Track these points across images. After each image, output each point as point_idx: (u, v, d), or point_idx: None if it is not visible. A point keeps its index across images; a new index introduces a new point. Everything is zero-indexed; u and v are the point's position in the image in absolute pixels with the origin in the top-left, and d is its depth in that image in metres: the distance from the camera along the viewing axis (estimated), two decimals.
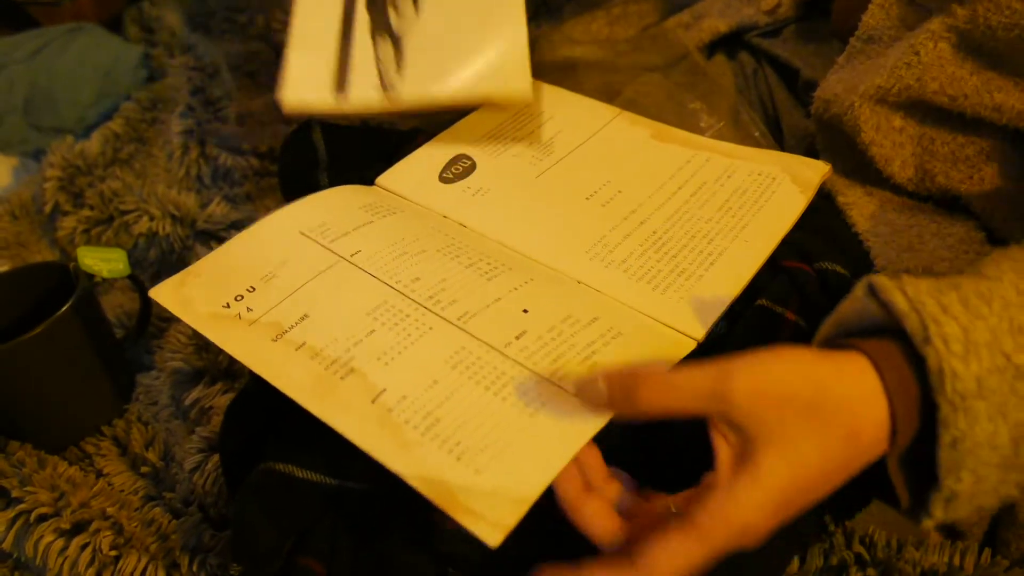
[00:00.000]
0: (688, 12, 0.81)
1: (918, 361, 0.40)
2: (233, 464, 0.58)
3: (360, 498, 0.52)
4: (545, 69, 0.79)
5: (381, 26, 0.66)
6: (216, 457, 0.62)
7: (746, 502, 0.40)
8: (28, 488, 0.60)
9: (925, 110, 0.58)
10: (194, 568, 0.56)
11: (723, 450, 0.41)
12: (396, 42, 0.65)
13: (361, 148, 0.74)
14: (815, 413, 0.40)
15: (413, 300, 0.50)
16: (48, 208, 0.88)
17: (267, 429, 0.56)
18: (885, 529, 0.52)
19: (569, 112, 0.70)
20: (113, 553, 0.57)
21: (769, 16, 0.76)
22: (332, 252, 0.54)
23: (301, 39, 0.65)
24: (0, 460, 0.64)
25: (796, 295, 0.55)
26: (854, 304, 0.43)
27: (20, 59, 1.06)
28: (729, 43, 0.80)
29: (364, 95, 0.63)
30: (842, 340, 0.43)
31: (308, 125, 0.76)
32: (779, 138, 0.72)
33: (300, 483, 0.50)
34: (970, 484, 0.40)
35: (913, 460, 0.42)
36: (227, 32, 1.18)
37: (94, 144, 0.95)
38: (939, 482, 0.40)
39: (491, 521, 0.40)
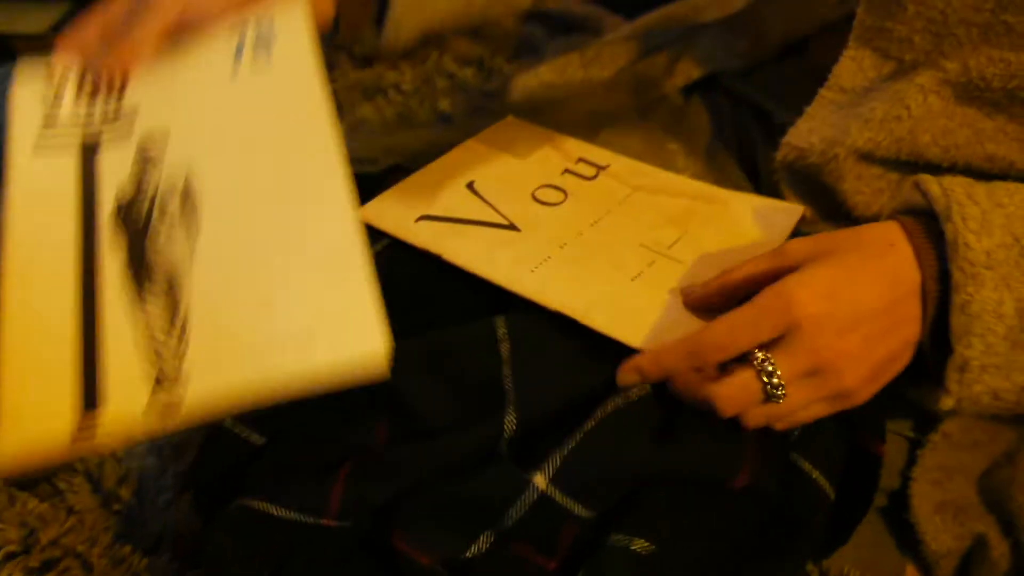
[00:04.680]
0: (663, 55, 0.82)
1: (940, 237, 0.47)
2: (206, 499, 0.58)
3: (335, 535, 0.52)
4: (521, 110, 0.80)
5: (149, 311, 0.47)
6: (188, 495, 0.62)
7: (790, 281, 0.48)
8: None
9: (909, 160, 0.59)
10: None
11: None
12: (174, 318, 0.46)
13: None
14: (848, 238, 0.50)
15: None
16: None
17: (240, 465, 0.56)
18: (859, 568, 0.52)
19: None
20: None
21: (743, 59, 0.77)
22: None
23: (16, 362, 0.44)
24: None
25: None
26: (903, 194, 0.52)
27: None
28: (705, 85, 0.81)
29: (129, 399, 0.43)
30: None
31: None
32: (755, 179, 0.73)
33: (275, 521, 0.50)
34: (980, 351, 0.47)
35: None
36: None
37: None
38: (952, 351, 0.47)
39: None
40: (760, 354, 0.47)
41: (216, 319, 0.46)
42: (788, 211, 0.62)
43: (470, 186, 0.67)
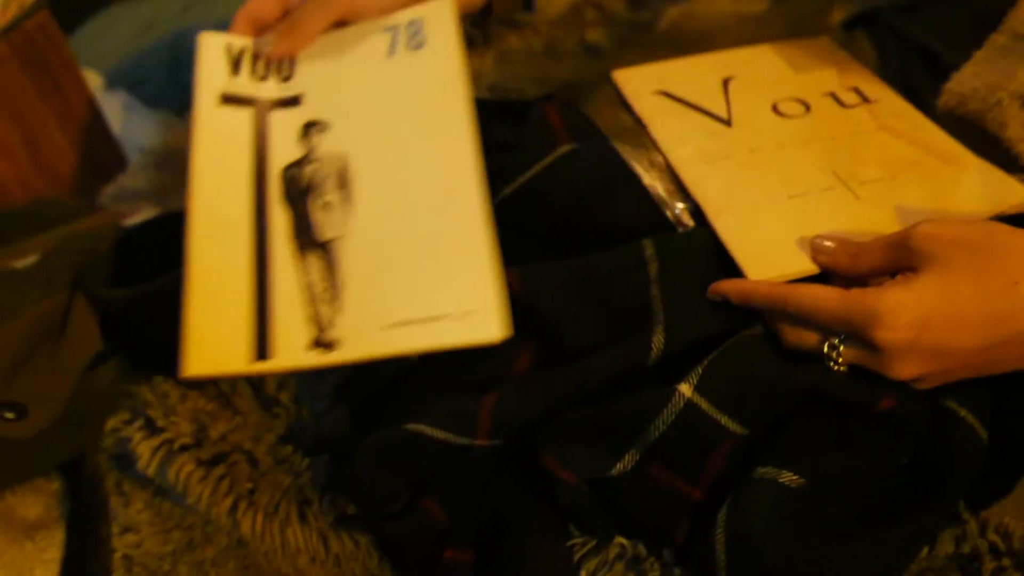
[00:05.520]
0: None
1: None
2: (361, 411, 0.61)
3: (484, 453, 0.53)
4: (669, 42, 0.78)
5: (310, 271, 0.55)
6: (344, 404, 0.65)
7: (888, 294, 0.45)
8: (172, 419, 0.64)
9: None
10: (324, 505, 0.58)
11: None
12: (332, 289, 0.54)
13: (491, 117, 0.75)
14: (981, 253, 0.45)
15: None
16: None
17: (394, 380, 0.58)
18: (1020, 521, 0.51)
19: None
20: (249, 485, 0.60)
21: None
22: None
23: (202, 294, 0.53)
24: (146, 391, 0.67)
25: None
26: None
27: (168, 18, 1.12)
28: (868, 21, 0.78)
29: (292, 357, 0.52)
30: None
31: None
32: None
33: (427, 440, 0.52)
34: None
35: None
36: None
37: None
38: None
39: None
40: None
41: (366, 290, 0.53)
42: (1011, 190, 0.57)
43: (725, 81, 0.70)
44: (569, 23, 1.11)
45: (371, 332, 0.51)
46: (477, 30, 1.13)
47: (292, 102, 0.60)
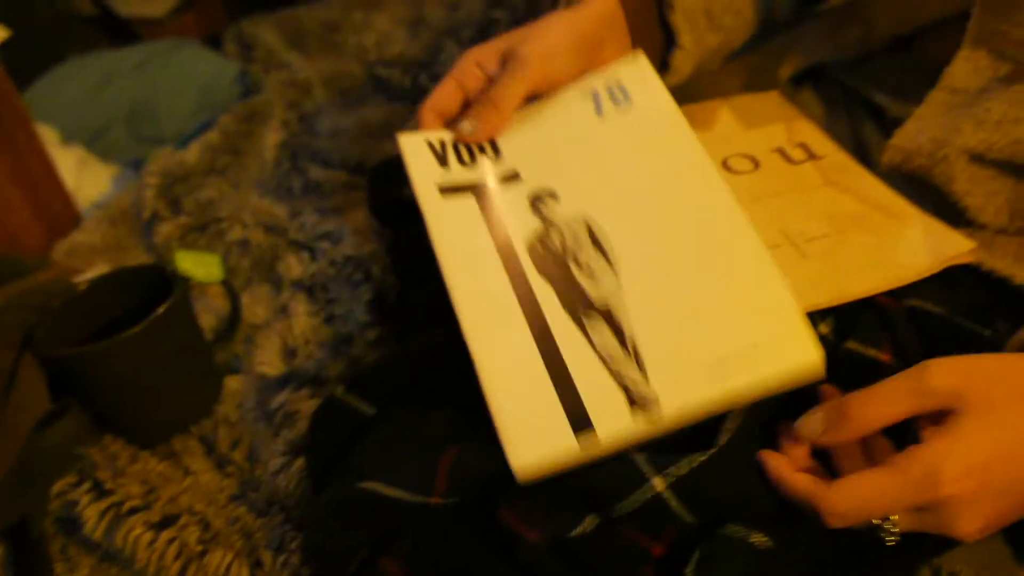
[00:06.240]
0: (773, 44, 0.81)
1: None
2: (317, 466, 0.60)
3: (442, 510, 0.52)
4: None
5: (596, 335, 0.52)
6: (299, 461, 0.64)
7: (941, 449, 0.42)
8: (120, 480, 0.63)
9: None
10: (277, 567, 0.57)
11: (927, 430, 0.44)
12: (624, 345, 0.51)
13: None
14: (1013, 394, 0.42)
15: None
16: (147, 214, 0.92)
17: (351, 435, 0.57)
18: (973, 568, 0.51)
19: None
20: (200, 548, 0.58)
21: (852, 50, 0.75)
22: None
23: (502, 389, 0.50)
24: (95, 453, 0.66)
25: (888, 334, 0.55)
26: None
27: (125, 72, 1.12)
28: (816, 76, 0.80)
29: (617, 426, 0.48)
30: None
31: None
32: None
33: (382, 499, 0.51)
34: None
35: None
36: (321, 51, 1.22)
37: (192, 154, 0.98)
38: None
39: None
40: None
41: (664, 342, 0.50)
42: (953, 242, 0.58)
43: None
44: None
45: (686, 381, 0.49)
46: (435, 84, 1.14)
47: (512, 178, 0.60)
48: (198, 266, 0.72)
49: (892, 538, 0.44)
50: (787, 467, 0.47)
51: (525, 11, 1.24)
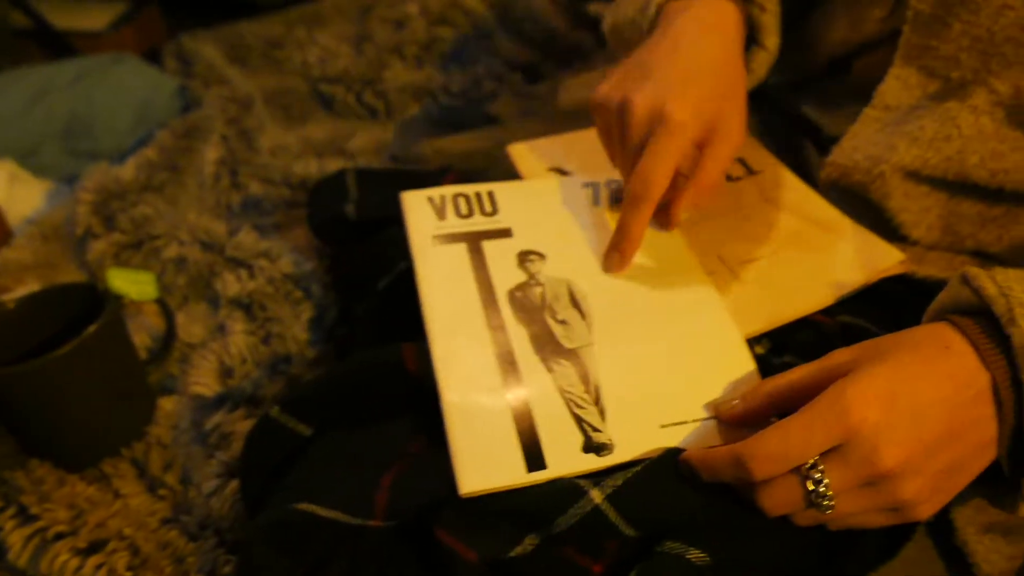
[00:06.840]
0: None
1: (1004, 340, 0.43)
2: (252, 488, 0.58)
3: (380, 533, 0.52)
4: (568, 116, 0.80)
5: (562, 378, 0.54)
6: (233, 483, 0.62)
7: (842, 383, 0.44)
8: (47, 505, 0.61)
9: (956, 180, 0.58)
10: None
11: None
12: (588, 391, 0.54)
13: (390, 186, 0.75)
14: (907, 348, 0.45)
15: None
16: (80, 231, 0.89)
17: (287, 456, 0.56)
18: None
19: None
20: (128, 574, 0.57)
21: (791, 73, 0.77)
22: None
23: (464, 418, 0.52)
24: (20, 477, 0.64)
25: (824, 351, 0.55)
26: (950, 291, 0.48)
27: (61, 86, 1.09)
28: (756, 97, 0.81)
29: (570, 468, 0.50)
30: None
31: (343, 171, 0.78)
32: None
33: (319, 521, 0.50)
34: None
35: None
36: (263, 67, 1.20)
37: (128, 170, 0.96)
38: None
39: None
40: (809, 460, 0.44)
41: (626, 396, 0.54)
42: (885, 254, 0.60)
43: None
44: (470, 94, 1.12)
45: (642, 434, 0.52)
46: (380, 101, 1.14)
47: (503, 233, 0.63)
48: (131, 284, 0.71)
49: (828, 503, 0.44)
50: (707, 450, 0.48)
51: (470, 29, 1.25)
